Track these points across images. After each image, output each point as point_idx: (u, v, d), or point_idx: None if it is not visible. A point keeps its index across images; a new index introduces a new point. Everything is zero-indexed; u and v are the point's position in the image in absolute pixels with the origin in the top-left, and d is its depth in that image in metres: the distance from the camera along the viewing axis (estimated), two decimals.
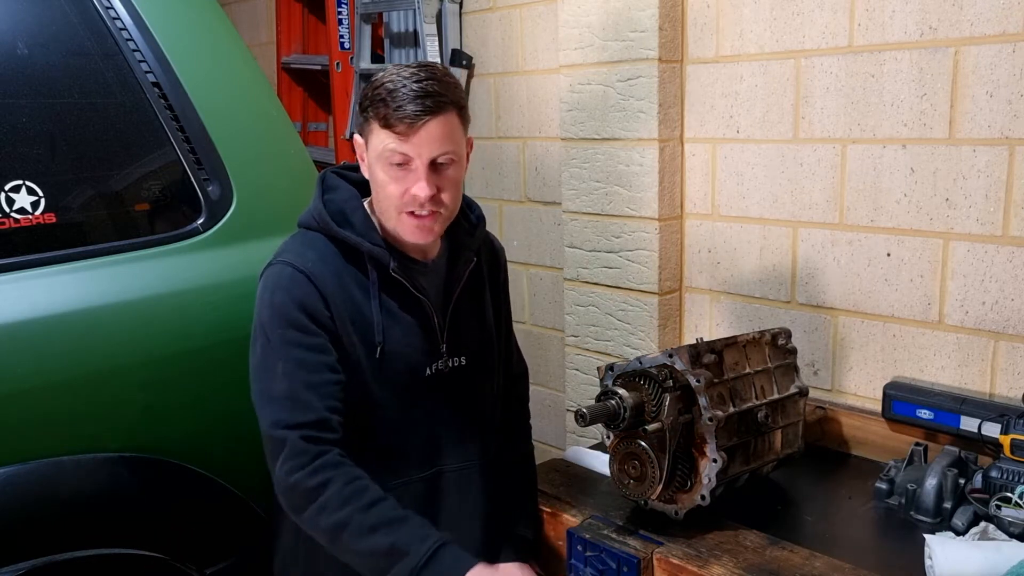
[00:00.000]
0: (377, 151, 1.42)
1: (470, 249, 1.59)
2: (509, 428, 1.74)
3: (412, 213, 1.43)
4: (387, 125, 1.39)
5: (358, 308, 1.46)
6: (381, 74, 1.44)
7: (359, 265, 1.48)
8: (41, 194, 1.57)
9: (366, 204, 1.53)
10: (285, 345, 1.41)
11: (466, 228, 1.61)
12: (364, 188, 1.54)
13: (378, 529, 1.36)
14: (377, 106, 1.40)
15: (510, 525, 1.67)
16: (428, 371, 1.54)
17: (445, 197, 1.44)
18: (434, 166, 1.42)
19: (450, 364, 1.57)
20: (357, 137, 1.51)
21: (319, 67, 3.54)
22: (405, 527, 1.37)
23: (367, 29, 3.19)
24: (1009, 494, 1.55)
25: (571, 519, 1.66)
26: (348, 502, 1.36)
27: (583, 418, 1.50)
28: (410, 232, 1.45)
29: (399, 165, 1.41)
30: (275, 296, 1.43)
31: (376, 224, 1.51)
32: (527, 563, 1.62)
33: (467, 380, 1.60)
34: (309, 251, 1.47)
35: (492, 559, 1.64)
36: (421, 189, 1.40)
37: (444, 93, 1.40)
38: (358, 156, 1.51)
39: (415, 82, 1.39)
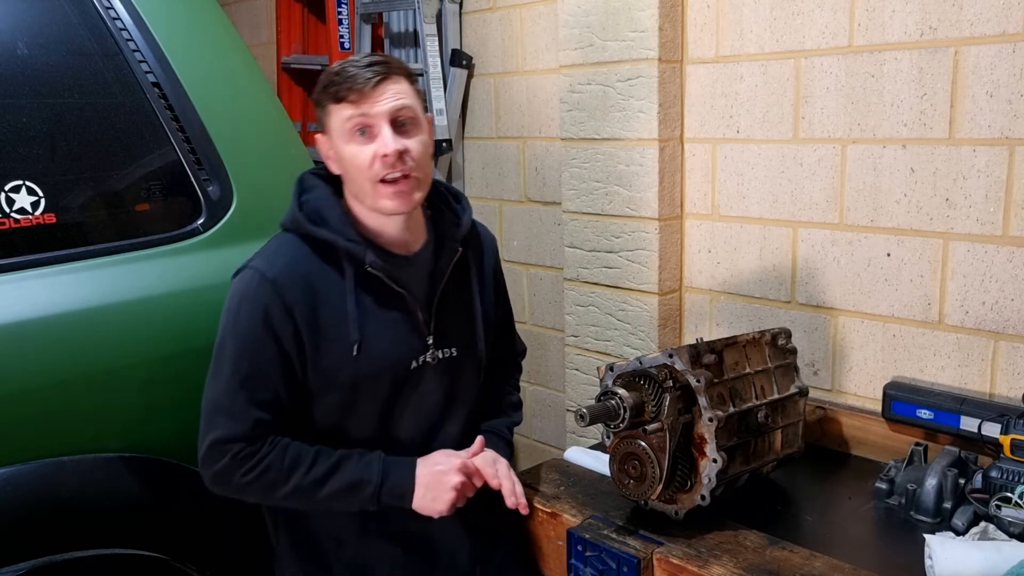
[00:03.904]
0: (338, 127, 1.44)
1: (455, 240, 1.58)
2: (499, 380, 1.78)
3: (386, 180, 1.43)
4: (341, 98, 1.43)
5: (333, 309, 1.47)
6: (327, 70, 1.48)
7: (336, 264, 1.48)
8: (41, 194, 1.57)
9: (343, 202, 1.53)
10: (237, 358, 1.44)
11: (451, 219, 1.61)
12: (340, 188, 1.55)
13: (328, 478, 1.46)
14: (328, 88, 1.44)
15: (493, 414, 1.73)
16: (414, 364, 1.54)
17: (414, 154, 1.45)
18: (395, 127, 1.44)
19: (439, 356, 1.57)
20: (319, 136, 1.52)
21: (319, 67, 3.54)
22: (350, 464, 1.48)
23: (367, 29, 3.19)
24: (1009, 494, 1.55)
25: (571, 519, 1.66)
26: (293, 471, 1.45)
27: (583, 418, 1.50)
28: (389, 200, 1.45)
29: (362, 133, 1.43)
30: (241, 306, 1.45)
31: (353, 221, 1.51)
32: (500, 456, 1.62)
33: (457, 370, 1.60)
34: (281, 255, 1.47)
35: (486, 553, 1.66)
36: (385, 146, 1.41)
37: (389, 62, 1.46)
38: (323, 155, 1.52)
39: (363, 57, 1.45)
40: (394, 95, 1.43)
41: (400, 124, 1.44)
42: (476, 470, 1.54)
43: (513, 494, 1.54)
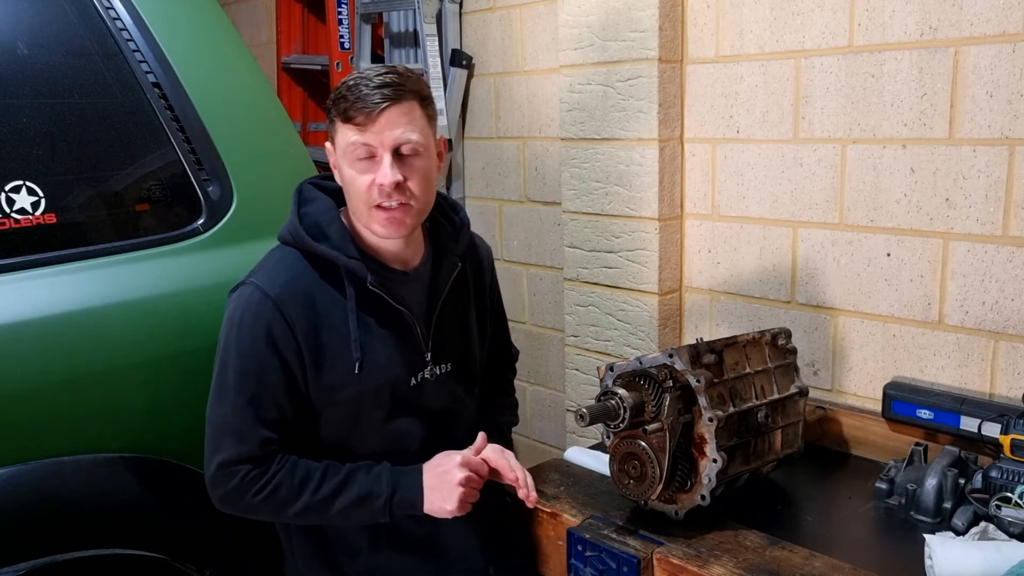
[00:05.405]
0: (342, 148, 1.42)
1: (455, 255, 1.58)
2: (496, 383, 1.79)
3: (381, 206, 1.41)
4: (348, 119, 1.40)
5: (334, 327, 1.46)
6: (345, 77, 1.45)
7: (336, 280, 1.47)
8: (41, 194, 1.57)
9: (343, 215, 1.52)
10: (241, 377, 1.43)
11: (450, 232, 1.60)
12: (342, 198, 1.52)
13: (339, 493, 1.46)
14: (338, 103, 1.41)
15: (491, 414, 1.73)
16: (413, 381, 1.54)
17: (412, 186, 1.42)
18: (398, 156, 1.41)
19: (436, 372, 1.57)
20: (327, 144, 1.50)
21: (319, 67, 3.54)
22: (358, 478, 1.48)
23: (367, 29, 3.18)
24: (1009, 494, 1.55)
25: (571, 519, 1.66)
26: (303, 489, 1.44)
27: (583, 418, 1.50)
28: (381, 226, 1.43)
29: (363, 159, 1.40)
30: (242, 322, 1.43)
31: (353, 236, 1.49)
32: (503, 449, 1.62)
33: (453, 385, 1.60)
34: (282, 271, 1.46)
35: (497, 551, 1.67)
36: (384, 176, 1.39)
37: (403, 84, 1.40)
38: (331, 163, 1.50)
39: (376, 75, 1.40)
40: (400, 124, 1.39)
41: (400, 154, 1.41)
42: (481, 463, 1.53)
43: (525, 485, 1.55)
